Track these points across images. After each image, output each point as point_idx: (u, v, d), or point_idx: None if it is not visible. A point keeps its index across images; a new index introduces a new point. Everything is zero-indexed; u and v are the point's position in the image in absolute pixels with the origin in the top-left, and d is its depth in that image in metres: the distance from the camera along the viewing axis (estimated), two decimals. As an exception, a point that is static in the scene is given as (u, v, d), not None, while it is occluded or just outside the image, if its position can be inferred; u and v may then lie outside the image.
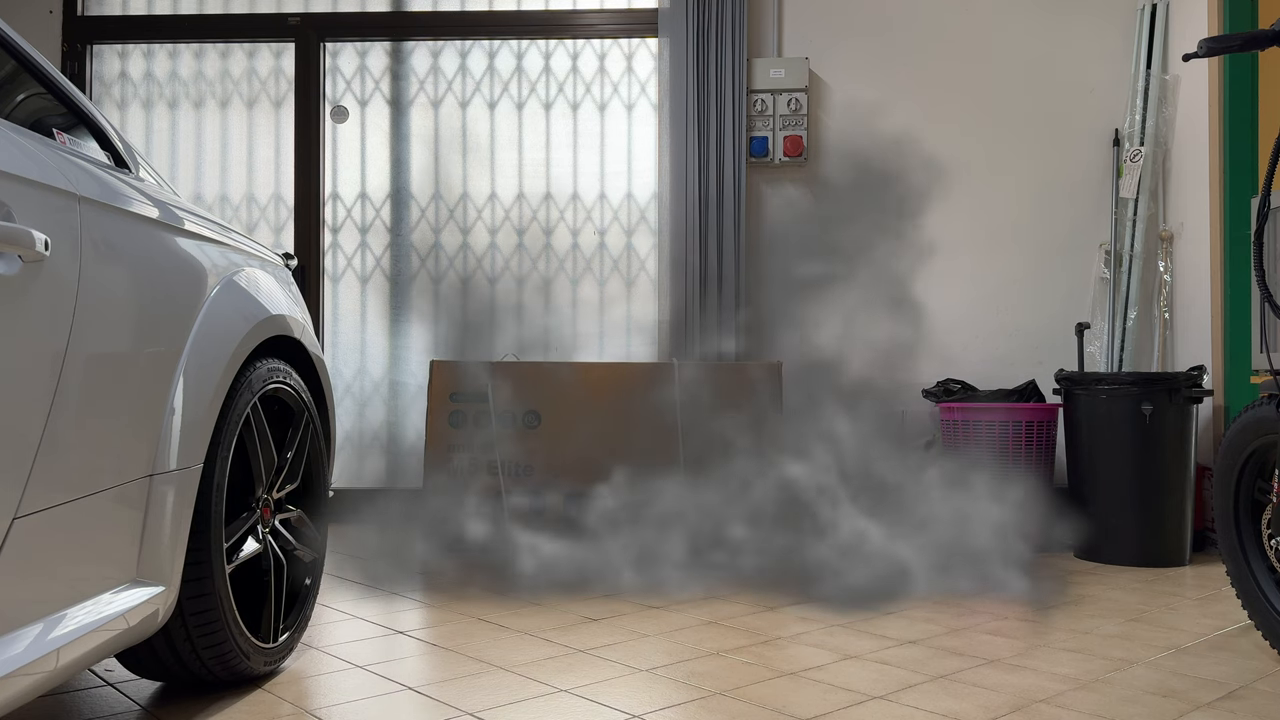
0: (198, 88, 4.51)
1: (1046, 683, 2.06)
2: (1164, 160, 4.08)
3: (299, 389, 2.18)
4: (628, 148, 4.42)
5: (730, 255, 4.14)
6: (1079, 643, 2.39)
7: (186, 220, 1.86)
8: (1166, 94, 4.05)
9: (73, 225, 1.46)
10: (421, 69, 4.47)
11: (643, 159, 4.41)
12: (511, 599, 2.83)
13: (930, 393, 4.09)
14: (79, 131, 1.79)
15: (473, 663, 2.18)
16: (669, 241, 4.18)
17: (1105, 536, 3.49)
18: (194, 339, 1.78)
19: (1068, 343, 4.16)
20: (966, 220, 4.27)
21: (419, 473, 4.27)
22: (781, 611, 2.69)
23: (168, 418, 1.69)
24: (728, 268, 4.13)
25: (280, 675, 2.08)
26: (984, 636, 2.44)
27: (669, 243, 4.18)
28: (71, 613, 1.46)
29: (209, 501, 1.78)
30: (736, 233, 4.14)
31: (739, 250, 4.14)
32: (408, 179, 4.47)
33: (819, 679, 2.07)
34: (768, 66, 4.21)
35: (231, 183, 4.50)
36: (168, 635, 1.79)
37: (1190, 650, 2.33)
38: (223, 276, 1.94)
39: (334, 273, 4.46)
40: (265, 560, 2.03)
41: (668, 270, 4.18)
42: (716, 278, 4.14)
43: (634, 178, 4.41)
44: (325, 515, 2.34)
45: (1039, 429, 3.70)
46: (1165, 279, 4.02)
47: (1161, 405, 3.41)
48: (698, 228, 4.14)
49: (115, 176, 1.70)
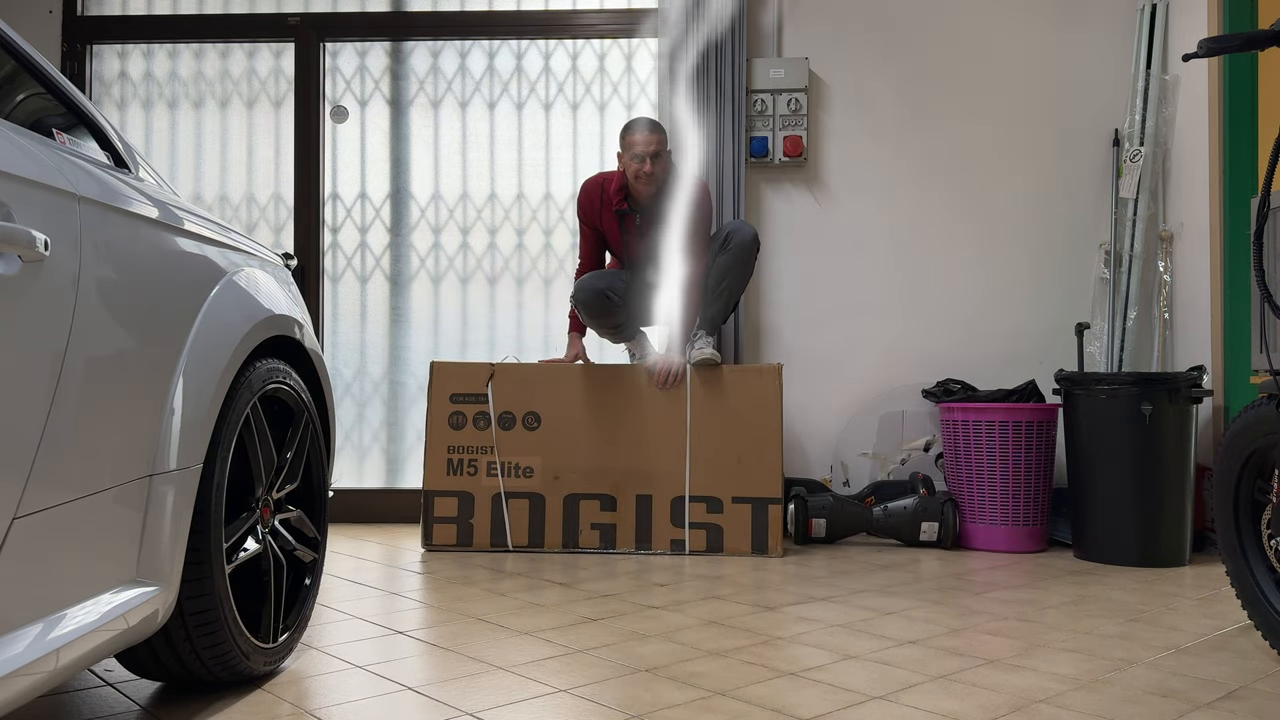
0: (197, 88, 4.51)
1: (1046, 683, 2.06)
2: (1164, 160, 4.08)
3: (299, 389, 2.18)
4: (628, 148, 4.41)
5: (730, 255, 4.13)
6: (1079, 643, 2.39)
7: (186, 220, 1.86)
8: (1166, 94, 4.05)
9: (73, 225, 1.45)
10: (421, 69, 4.47)
11: (643, 159, 4.40)
12: (511, 599, 2.83)
13: (930, 393, 4.09)
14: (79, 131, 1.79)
15: (473, 663, 2.18)
16: (669, 241, 4.17)
17: (1105, 536, 3.49)
18: (194, 339, 1.78)
19: (1067, 343, 4.16)
20: (967, 220, 4.27)
21: (419, 473, 4.27)
22: (781, 611, 2.69)
23: (167, 417, 1.69)
24: (728, 268, 4.12)
25: (280, 675, 2.08)
26: (984, 636, 2.44)
27: (669, 243, 4.17)
28: (71, 613, 1.46)
29: (209, 501, 1.78)
30: (736, 233, 4.13)
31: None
32: (407, 179, 4.47)
33: (819, 679, 2.07)
34: (768, 67, 4.21)
35: (231, 183, 4.50)
36: (167, 635, 1.79)
37: (1190, 650, 2.33)
38: (222, 276, 1.93)
39: (334, 273, 4.46)
40: (265, 560, 2.03)
41: (668, 270, 4.18)
42: (716, 278, 4.13)
43: (634, 178, 4.40)
44: (325, 515, 2.34)
45: (1039, 429, 3.70)
46: (1165, 279, 4.02)
47: (1161, 405, 3.41)
48: (698, 228, 4.13)
49: (115, 176, 1.70)
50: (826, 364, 4.28)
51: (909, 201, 4.28)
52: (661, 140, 3.61)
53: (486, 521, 3.64)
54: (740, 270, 3.65)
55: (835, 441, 4.25)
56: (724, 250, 3.62)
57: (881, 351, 4.28)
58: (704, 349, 3.63)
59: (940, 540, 3.74)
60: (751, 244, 3.63)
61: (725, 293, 3.66)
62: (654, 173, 3.58)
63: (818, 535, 3.81)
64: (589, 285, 3.66)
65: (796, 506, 3.81)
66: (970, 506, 3.76)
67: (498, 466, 3.67)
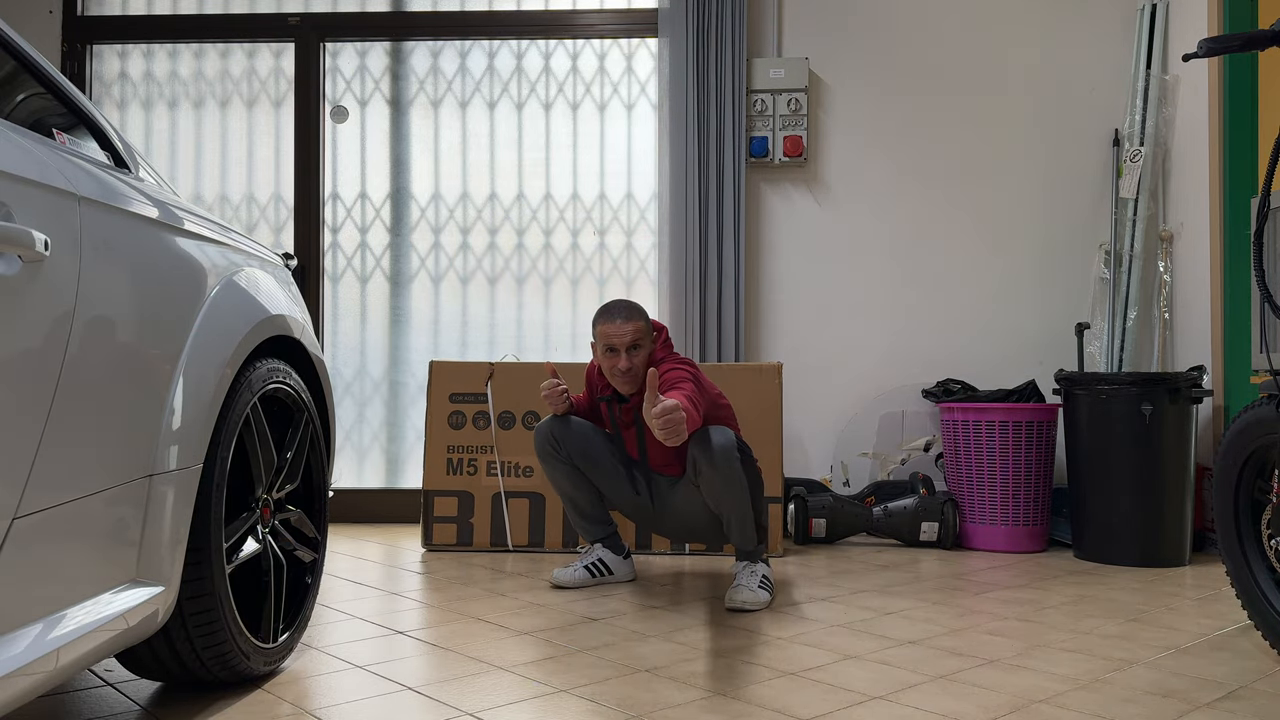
0: (197, 88, 4.51)
1: (1046, 683, 2.06)
2: (1164, 160, 4.08)
3: (299, 389, 2.18)
4: (627, 148, 4.41)
5: (730, 255, 4.13)
6: (1079, 643, 2.39)
7: (186, 220, 1.86)
8: (1166, 94, 4.04)
9: (72, 225, 1.45)
10: (421, 69, 4.47)
11: (642, 159, 4.41)
12: (511, 599, 2.83)
13: (930, 393, 4.09)
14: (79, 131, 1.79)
15: (473, 663, 2.18)
16: (669, 242, 4.18)
17: (1105, 536, 3.48)
18: (194, 339, 1.78)
19: (1068, 343, 4.17)
20: (967, 220, 4.27)
21: (419, 473, 4.27)
22: (781, 611, 2.69)
23: (167, 418, 1.69)
24: (727, 268, 4.13)
25: (280, 675, 2.08)
26: (984, 636, 2.44)
27: (669, 243, 4.18)
28: (71, 613, 1.46)
29: (209, 501, 1.78)
30: (736, 233, 4.14)
31: (739, 250, 4.14)
32: (408, 179, 4.47)
33: (819, 679, 2.07)
34: (767, 66, 4.21)
35: (231, 183, 4.50)
36: (167, 635, 1.79)
37: (1190, 650, 2.33)
38: (222, 276, 1.93)
39: (334, 273, 4.46)
40: (265, 560, 2.03)
41: (668, 270, 4.18)
42: (716, 278, 4.14)
43: (634, 178, 4.41)
44: (325, 515, 2.34)
45: (1039, 429, 3.70)
46: (1165, 279, 4.02)
47: (1161, 405, 3.41)
48: (698, 228, 4.14)
49: (115, 176, 1.70)
50: (827, 364, 4.28)
51: (910, 201, 4.28)
52: (641, 329, 2.85)
53: (486, 521, 3.64)
54: (729, 486, 2.73)
55: (835, 441, 4.25)
56: (699, 476, 2.76)
57: (882, 351, 4.28)
58: (742, 591, 2.76)
59: (940, 540, 3.74)
60: (729, 452, 2.69)
61: (737, 521, 2.81)
62: (634, 368, 2.84)
63: (818, 535, 3.81)
64: (546, 431, 3.02)
65: (796, 506, 3.81)
66: (970, 506, 3.76)
67: (497, 466, 3.67)
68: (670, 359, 2.89)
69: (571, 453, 3.01)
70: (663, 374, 2.78)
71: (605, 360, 2.87)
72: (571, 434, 3.01)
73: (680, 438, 2.38)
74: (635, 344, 2.84)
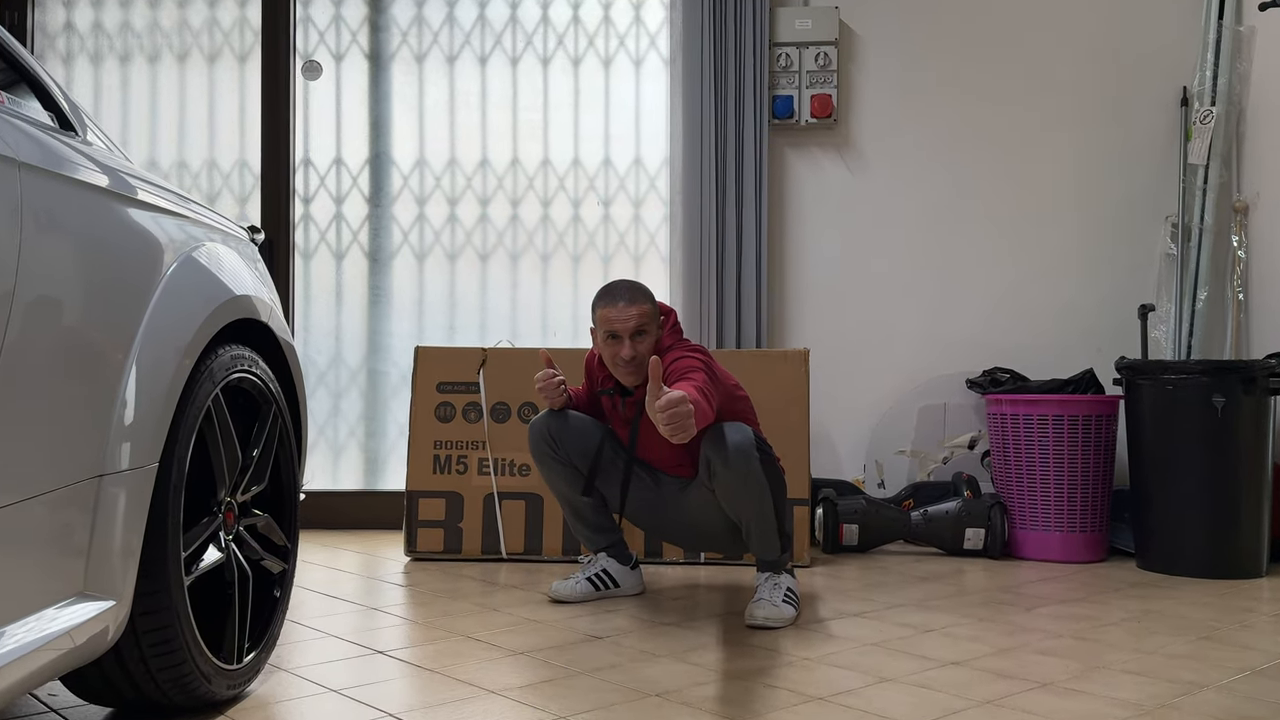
0: (153, 40, 4.51)
1: (1106, 708, 2.05)
2: (1238, 122, 4.05)
3: (266, 379, 2.18)
4: (635, 108, 4.40)
5: (751, 228, 4.12)
6: (1142, 664, 2.38)
7: (140, 189, 1.85)
8: (1241, 47, 4.02)
9: (12, 195, 1.45)
10: (404, 19, 4.46)
11: (652, 121, 4.39)
12: (505, 614, 2.83)
13: (975, 383, 4.08)
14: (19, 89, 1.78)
15: (461, 686, 2.18)
16: (682, 213, 4.17)
17: (1172, 545, 3.48)
18: (148, 323, 1.77)
19: (1129, 327, 4.14)
20: (1017, 190, 4.25)
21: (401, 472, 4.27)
22: (808, 628, 2.68)
23: (119, 411, 1.68)
24: (748, 242, 4.12)
25: (245, 700, 2.08)
26: (1035, 657, 2.43)
27: (682, 215, 4.17)
28: (10, 630, 1.45)
29: (165, 505, 1.78)
30: (758, 203, 4.13)
31: (760, 223, 4.13)
32: (389, 143, 4.46)
33: (851, 704, 2.07)
34: (793, 16, 4.19)
35: (191, 147, 4.50)
36: (119, 655, 1.79)
37: (1267, 672, 2.32)
38: (180, 252, 1.93)
39: (306, 248, 4.46)
40: (228, 571, 2.03)
41: (680, 246, 4.17)
42: (735, 254, 4.13)
43: (642, 142, 4.39)
44: (296, 521, 2.34)
45: (1097, 424, 3.68)
46: (1239, 255, 4.00)
47: (1235, 397, 3.39)
48: (714, 198, 4.12)
49: (60, 140, 1.69)
50: (859, 350, 4.27)
51: (951, 168, 4.26)
52: (646, 313, 2.81)
53: (477, 526, 3.64)
54: (747, 489, 2.70)
55: (869, 437, 4.24)
56: (713, 478, 2.73)
57: (921, 336, 4.26)
58: (763, 606, 2.75)
59: (987, 549, 3.74)
60: (746, 450, 2.67)
61: (757, 528, 2.78)
62: (638, 357, 2.79)
63: (849, 543, 3.81)
64: (541, 427, 3.02)
65: (825, 510, 3.81)
66: (1020, 511, 3.75)
67: (490, 464, 3.67)
68: (679, 346, 2.87)
69: (570, 453, 3.00)
70: (670, 362, 2.76)
71: (607, 348, 2.84)
72: (570, 432, 3.00)
73: (689, 434, 2.34)
74: (640, 330, 2.80)
